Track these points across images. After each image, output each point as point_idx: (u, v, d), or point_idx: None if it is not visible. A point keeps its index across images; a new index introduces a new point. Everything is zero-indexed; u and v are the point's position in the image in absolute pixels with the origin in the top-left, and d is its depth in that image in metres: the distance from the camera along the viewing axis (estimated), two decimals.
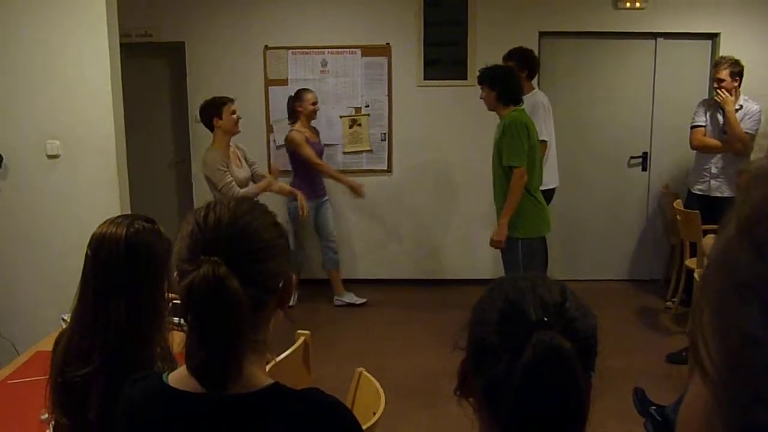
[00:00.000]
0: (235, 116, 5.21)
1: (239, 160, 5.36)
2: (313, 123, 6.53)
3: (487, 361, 1.19)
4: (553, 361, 1.12)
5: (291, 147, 6.21)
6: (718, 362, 0.42)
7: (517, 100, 4.80)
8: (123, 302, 1.91)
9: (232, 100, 5.27)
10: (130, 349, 1.90)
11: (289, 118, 6.37)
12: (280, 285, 1.46)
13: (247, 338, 1.38)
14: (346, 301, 6.47)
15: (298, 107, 6.21)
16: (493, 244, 4.78)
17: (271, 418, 1.40)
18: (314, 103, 6.26)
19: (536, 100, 5.76)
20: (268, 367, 1.51)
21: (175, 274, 1.44)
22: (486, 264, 6.88)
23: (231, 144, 5.31)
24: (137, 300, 1.92)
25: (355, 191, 6.34)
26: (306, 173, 6.26)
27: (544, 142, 5.84)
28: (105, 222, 2.01)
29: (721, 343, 0.42)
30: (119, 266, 1.93)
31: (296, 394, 1.44)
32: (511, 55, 5.77)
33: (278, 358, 2.48)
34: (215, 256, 1.34)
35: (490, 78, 4.83)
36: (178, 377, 1.43)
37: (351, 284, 6.65)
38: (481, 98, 4.95)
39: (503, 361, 1.15)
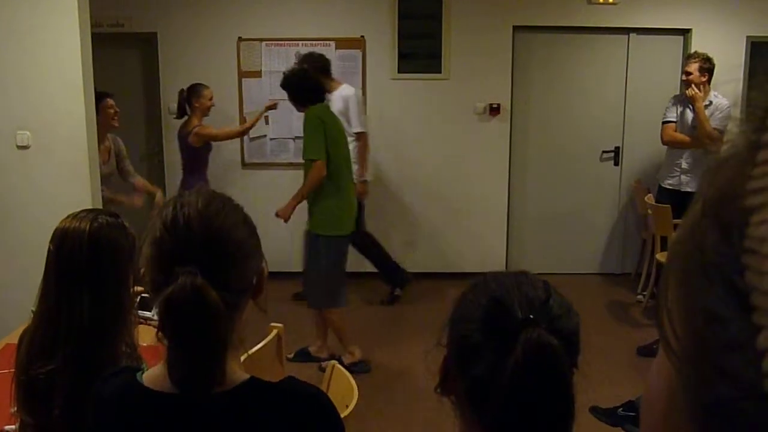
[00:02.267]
0: (112, 111, 5.22)
1: (108, 154, 5.33)
2: (285, 114, 6.52)
3: (471, 359, 1.18)
4: (542, 358, 1.11)
5: (202, 140, 5.90)
6: (682, 339, 0.44)
7: (316, 99, 4.86)
8: (86, 298, 1.88)
9: (110, 95, 5.27)
10: (95, 345, 1.87)
11: (179, 112, 6.03)
12: (254, 280, 1.45)
13: (227, 344, 1.36)
14: None
15: (195, 102, 5.95)
16: (278, 215, 4.88)
17: (250, 413, 1.39)
18: (211, 99, 6.03)
19: (345, 95, 5.73)
20: (242, 359, 1.50)
21: (142, 271, 1.41)
22: (461, 258, 6.91)
23: (108, 138, 5.30)
24: (101, 296, 1.90)
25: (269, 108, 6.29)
26: (203, 169, 6.09)
27: (363, 133, 5.84)
28: (68, 216, 1.98)
29: (686, 321, 0.44)
30: (82, 262, 1.89)
31: (273, 386, 1.43)
32: (301, 63, 5.71)
33: (251, 351, 2.47)
34: (190, 266, 1.30)
35: (285, 83, 4.94)
36: (154, 377, 1.41)
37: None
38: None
39: (488, 359, 1.15)
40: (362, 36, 6.84)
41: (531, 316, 1.14)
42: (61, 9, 4.54)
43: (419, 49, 6.89)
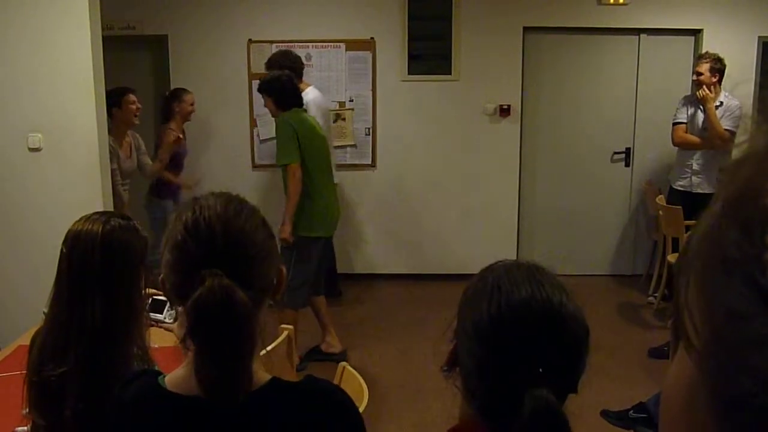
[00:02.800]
0: (134, 107, 5.22)
1: (130, 150, 5.35)
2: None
3: (475, 378, 1.22)
4: (548, 423, 1.13)
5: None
6: (703, 335, 0.44)
7: (295, 104, 4.85)
8: (99, 301, 1.88)
9: (132, 90, 5.30)
10: (107, 348, 1.88)
11: (162, 116, 5.99)
12: (274, 281, 1.46)
13: (255, 345, 1.37)
14: None
15: (176, 107, 5.93)
16: (282, 242, 4.75)
17: (274, 415, 1.39)
18: (192, 104, 6.02)
19: (306, 99, 5.47)
20: None
21: (161, 277, 1.41)
22: (470, 259, 6.90)
23: (128, 134, 5.34)
24: (113, 299, 1.90)
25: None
26: (177, 172, 6.00)
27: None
28: (80, 219, 1.98)
29: (707, 317, 0.44)
30: (95, 264, 1.90)
31: (295, 386, 1.45)
32: (270, 62, 5.57)
33: (261, 353, 2.47)
34: (215, 268, 1.30)
35: (266, 87, 4.90)
36: (177, 380, 1.41)
37: None
38: (265, 107, 5.02)
39: (492, 390, 1.18)
40: (372, 37, 6.84)
41: (540, 370, 1.15)
42: (72, 12, 4.56)
43: (429, 51, 6.88)
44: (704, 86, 5.68)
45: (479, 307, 1.23)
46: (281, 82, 4.88)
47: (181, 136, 5.81)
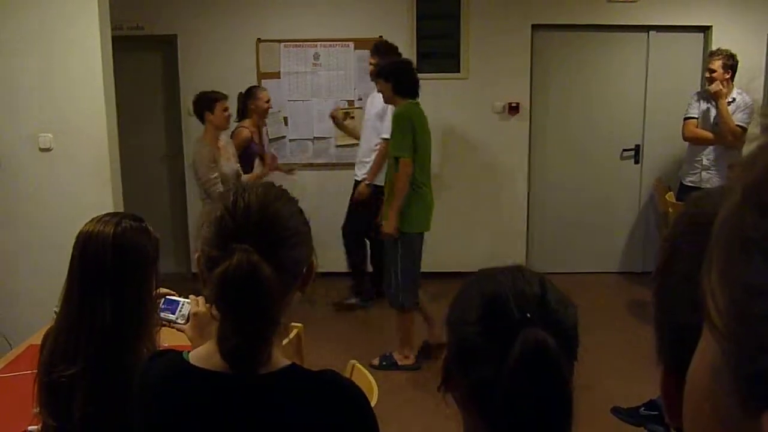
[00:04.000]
0: (227, 113, 5.21)
1: (229, 154, 5.32)
2: (305, 115, 6.52)
3: (471, 361, 1.18)
4: (539, 358, 1.11)
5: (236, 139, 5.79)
6: (725, 316, 0.45)
7: (412, 93, 4.81)
8: (109, 303, 1.89)
9: (225, 97, 5.26)
10: (116, 350, 1.89)
11: (238, 115, 5.98)
12: (304, 270, 1.50)
13: (277, 323, 1.41)
14: None
15: (251, 105, 5.96)
16: (385, 237, 4.81)
17: (291, 397, 1.44)
18: (268, 101, 6.03)
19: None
20: None
21: (197, 255, 1.46)
22: (478, 257, 6.90)
23: (221, 138, 5.29)
24: (124, 301, 1.91)
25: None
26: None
27: (387, 140, 5.58)
28: (92, 220, 1.99)
29: (728, 297, 0.45)
30: (106, 266, 1.91)
31: (313, 375, 1.49)
32: (378, 48, 5.70)
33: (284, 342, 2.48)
34: (246, 244, 1.36)
35: (385, 71, 4.85)
36: (200, 356, 1.46)
37: (341, 277, 6.65)
38: (378, 92, 4.99)
39: (489, 361, 1.14)
40: (381, 36, 6.82)
41: (527, 315, 1.14)
42: (82, 12, 4.58)
43: (438, 49, 6.88)
44: (717, 81, 5.65)
45: (464, 305, 1.24)
46: (402, 68, 4.87)
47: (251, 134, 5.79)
